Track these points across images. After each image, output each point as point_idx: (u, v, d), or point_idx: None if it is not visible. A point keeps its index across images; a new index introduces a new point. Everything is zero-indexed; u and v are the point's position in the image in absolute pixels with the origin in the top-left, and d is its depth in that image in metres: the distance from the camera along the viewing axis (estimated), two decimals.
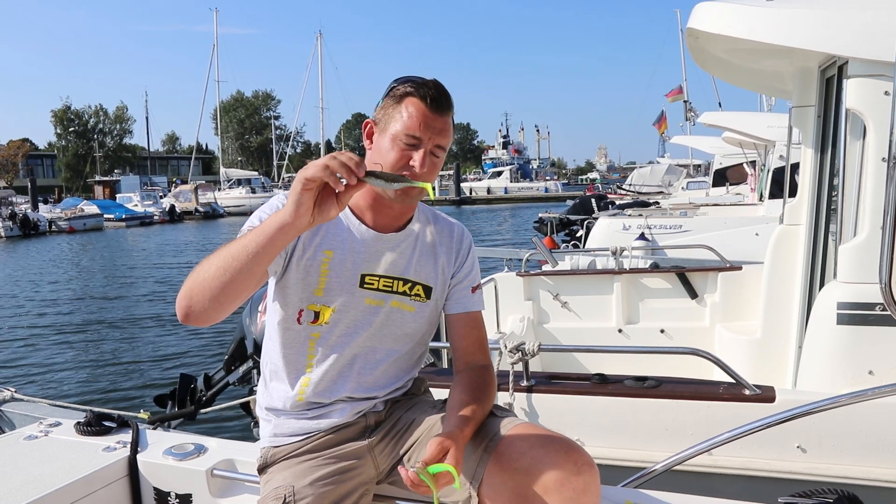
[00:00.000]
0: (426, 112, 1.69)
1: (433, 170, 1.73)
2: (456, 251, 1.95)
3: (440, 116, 1.71)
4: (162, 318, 13.24)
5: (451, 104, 1.74)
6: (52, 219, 40.69)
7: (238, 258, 1.45)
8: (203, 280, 1.47)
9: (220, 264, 1.46)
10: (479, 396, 1.78)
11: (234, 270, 1.45)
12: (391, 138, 1.70)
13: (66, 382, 9.08)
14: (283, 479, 1.74)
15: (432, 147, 1.71)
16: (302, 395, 1.83)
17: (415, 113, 1.68)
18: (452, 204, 59.85)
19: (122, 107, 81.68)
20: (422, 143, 1.69)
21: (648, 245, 8.66)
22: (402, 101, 1.71)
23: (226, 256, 1.46)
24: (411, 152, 1.69)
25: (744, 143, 13.90)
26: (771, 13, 3.36)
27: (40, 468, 2.16)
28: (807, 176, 4.09)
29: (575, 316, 5.71)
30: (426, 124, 1.68)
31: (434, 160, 1.73)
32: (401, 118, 1.69)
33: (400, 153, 1.69)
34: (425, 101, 1.69)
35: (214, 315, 1.51)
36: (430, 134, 1.69)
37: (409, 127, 1.68)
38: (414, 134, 1.68)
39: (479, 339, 1.95)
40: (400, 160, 1.69)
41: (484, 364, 1.92)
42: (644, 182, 32.10)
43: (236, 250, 1.46)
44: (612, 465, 2.85)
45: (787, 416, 2.31)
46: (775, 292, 4.29)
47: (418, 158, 1.68)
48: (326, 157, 1.39)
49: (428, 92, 1.69)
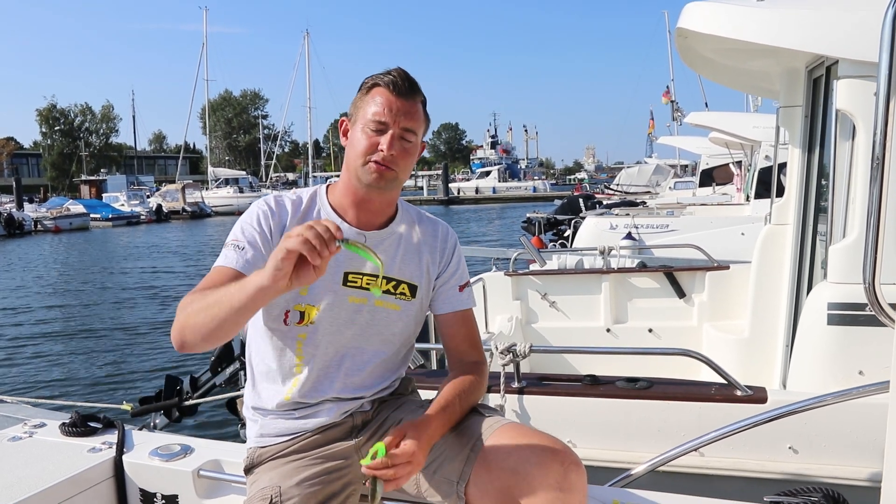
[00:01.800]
0: (391, 97, 1.72)
1: (405, 155, 1.74)
2: (441, 251, 1.94)
3: (406, 100, 1.73)
4: (148, 319, 13.16)
5: (416, 88, 1.76)
6: (37, 218, 40.31)
7: (223, 309, 1.49)
8: (193, 323, 1.54)
9: (207, 312, 1.51)
10: (461, 391, 1.79)
11: (219, 319, 1.50)
12: (361, 127, 1.73)
13: (50, 384, 9.00)
14: (270, 480, 1.74)
15: (400, 131, 1.72)
16: (289, 395, 1.82)
17: (381, 100, 1.72)
18: (441, 204, 59.90)
19: (108, 105, 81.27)
20: (389, 127, 1.71)
21: (636, 244, 8.69)
22: (369, 91, 1.75)
23: (212, 305, 1.51)
24: (379, 137, 1.71)
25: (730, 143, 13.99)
26: (761, 13, 3.36)
27: (25, 470, 2.13)
28: (794, 176, 4.10)
29: (563, 315, 5.71)
30: (391, 108, 1.71)
31: (405, 145, 1.74)
32: (368, 107, 1.73)
33: (368, 140, 1.72)
34: (389, 88, 1.72)
35: (208, 347, 1.60)
36: (396, 117, 1.71)
37: (376, 113, 1.71)
38: (380, 119, 1.71)
39: (470, 337, 1.96)
40: (370, 146, 1.71)
41: (475, 360, 1.93)
42: (632, 182, 32.26)
43: (221, 302, 1.50)
44: (603, 466, 2.85)
45: (772, 416, 2.32)
46: (763, 292, 4.31)
47: (386, 141, 1.71)
48: (304, 227, 1.40)
49: (391, 79, 1.73)
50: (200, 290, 1.60)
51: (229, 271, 1.66)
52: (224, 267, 1.68)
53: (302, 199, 1.84)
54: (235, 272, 1.66)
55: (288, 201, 1.82)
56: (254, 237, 1.72)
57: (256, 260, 1.69)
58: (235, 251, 1.70)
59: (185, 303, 1.58)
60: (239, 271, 1.66)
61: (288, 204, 1.81)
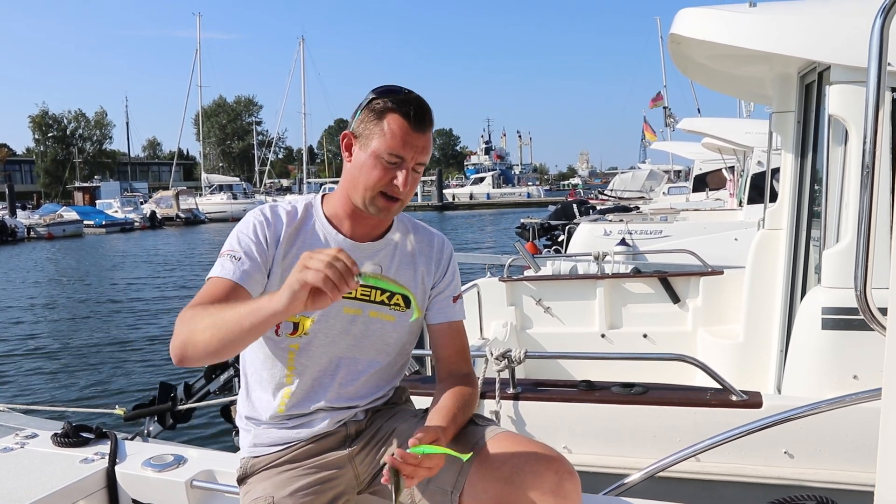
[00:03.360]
0: (408, 130, 1.66)
1: (414, 184, 1.73)
2: (436, 261, 1.94)
3: (422, 134, 1.69)
4: (141, 327, 13.12)
5: (432, 121, 1.72)
6: (30, 225, 40.15)
7: (232, 330, 1.47)
8: (198, 340, 1.51)
9: (213, 331, 1.49)
10: (461, 403, 1.78)
11: (227, 340, 1.49)
12: (373, 155, 1.68)
13: (42, 391, 8.96)
14: (263, 490, 1.73)
15: (414, 165, 1.70)
16: (283, 406, 1.81)
17: (398, 131, 1.65)
18: (435, 210, 59.91)
19: (101, 112, 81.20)
20: (404, 162, 1.67)
21: (630, 250, 8.69)
22: (383, 116, 1.67)
23: (219, 325, 1.48)
24: (394, 171, 1.68)
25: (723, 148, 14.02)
26: (753, 19, 3.38)
27: (16, 481, 2.11)
28: (787, 181, 4.12)
29: (558, 321, 5.71)
30: (409, 143, 1.66)
31: (414, 176, 1.72)
32: (382, 135, 1.66)
33: (383, 171, 1.68)
34: (408, 119, 1.66)
35: (209, 363, 1.60)
36: (412, 153, 1.67)
37: (393, 147, 1.66)
38: (397, 153, 1.66)
39: (461, 349, 1.95)
40: (383, 178, 1.68)
41: (466, 372, 1.93)
42: (625, 187, 32.31)
43: (230, 322, 1.47)
44: (598, 472, 2.84)
45: (767, 424, 2.32)
46: (757, 296, 4.31)
47: (401, 179, 1.68)
48: (325, 264, 1.37)
49: (410, 109, 1.66)
50: (200, 304, 1.59)
51: (227, 284, 1.64)
52: (221, 279, 1.66)
53: (297, 209, 1.82)
54: (233, 284, 1.64)
55: (283, 211, 1.81)
56: (250, 248, 1.71)
57: (253, 271, 1.68)
58: (232, 262, 1.68)
59: (186, 317, 1.56)
60: (237, 283, 1.65)
61: (283, 214, 1.80)
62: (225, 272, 1.67)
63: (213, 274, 1.68)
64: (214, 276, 1.67)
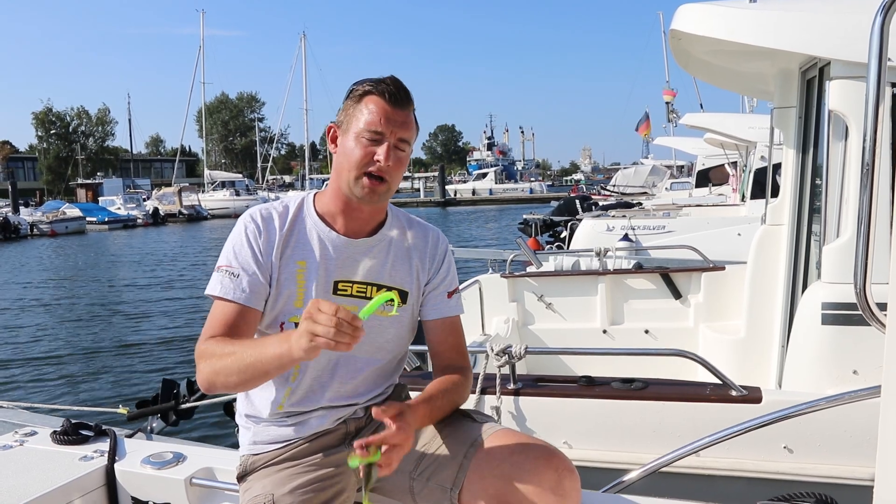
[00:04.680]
0: (386, 107, 1.70)
1: (399, 164, 1.74)
2: (431, 256, 1.93)
3: (401, 110, 1.73)
4: (144, 324, 13.14)
5: (410, 98, 1.75)
6: (33, 222, 40.19)
7: (257, 373, 1.57)
8: (225, 382, 1.62)
9: (239, 375, 1.58)
10: (444, 387, 1.80)
11: (252, 381, 1.61)
12: (355, 137, 1.71)
13: (44, 388, 8.98)
14: (263, 488, 1.73)
15: (395, 141, 1.72)
16: (283, 403, 1.82)
17: (375, 109, 1.70)
18: (438, 206, 59.88)
19: (104, 109, 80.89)
20: (385, 138, 1.70)
21: (632, 246, 8.67)
22: (361, 99, 1.73)
23: (243, 370, 1.57)
24: (375, 147, 1.70)
25: (725, 144, 14.00)
26: (754, 15, 3.37)
27: (15, 479, 2.11)
28: (788, 176, 4.11)
29: (559, 317, 5.71)
30: (387, 119, 1.70)
31: (399, 154, 1.74)
32: (362, 116, 1.71)
33: (364, 149, 1.70)
34: (384, 97, 1.71)
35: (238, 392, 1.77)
36: (392, 128, 1.70)
37: (371, 123, 1.70)
38: (376, 129, 1.69)
39: (456, 345, 1.95)
40: (365, 156, 1.70)
41: (462, 366, 1.92)
42: (628, 183, 32.21)
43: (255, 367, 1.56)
44: (599, 467, 2.85)
45: (767, 421, 2.32)
46: (758, 292, 4.31)
47: (382, 152, 1.70)
48: (332, 327, 1.39)
49: (386, 88, 1.71)
50: (213, 336, 1.66)
51: (235, 308, 1.70)
52: (227, 303, 1.70)
53: (289, 210, 1.83)
54: (240, 308, 1.70)
55: (275, 214, 1.81)
56: (247, 261, 1.73)
57: (255, 286, 1.71)
58: (231, 280, 1.71)
59: (205, 353, 1.63)
60: (243, 306, 1.70)
61: (275, 217, 1.80)
62: (226, 292, 1.70)
63: (214, 292, 1.71)
64: (216, 295, 1.71)
